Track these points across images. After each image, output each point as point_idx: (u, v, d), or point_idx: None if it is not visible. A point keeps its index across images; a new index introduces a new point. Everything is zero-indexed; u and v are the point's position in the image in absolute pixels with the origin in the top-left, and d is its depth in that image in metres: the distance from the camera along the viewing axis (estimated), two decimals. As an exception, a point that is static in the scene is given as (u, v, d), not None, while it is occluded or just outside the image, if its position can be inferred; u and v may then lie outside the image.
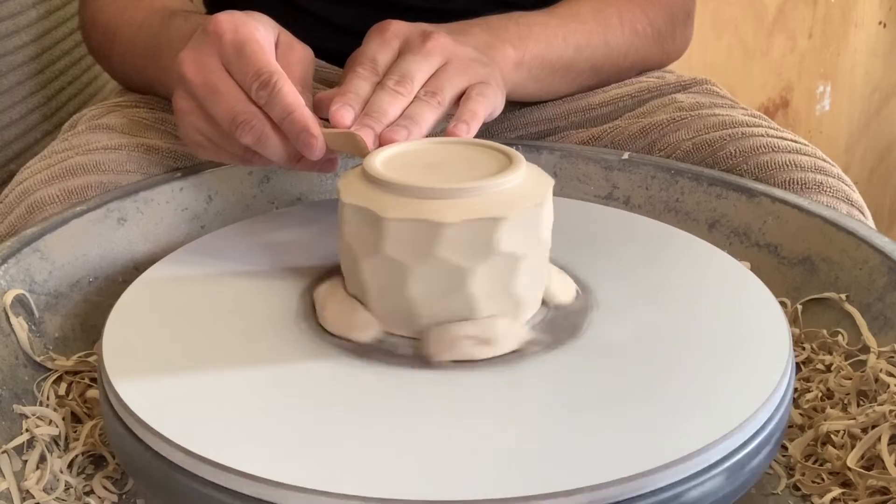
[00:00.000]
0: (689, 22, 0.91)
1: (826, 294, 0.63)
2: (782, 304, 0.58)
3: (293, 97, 0.58)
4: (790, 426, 0.55)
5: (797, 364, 0.59)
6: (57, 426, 0.55)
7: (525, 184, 0.52)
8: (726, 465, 0.44)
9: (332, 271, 0.57)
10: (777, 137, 0.75)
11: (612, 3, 0.83)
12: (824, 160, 0.74)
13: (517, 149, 0.55)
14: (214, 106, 0.60)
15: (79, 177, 0.70)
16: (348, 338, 0.52)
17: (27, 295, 0.61)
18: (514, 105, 0.83)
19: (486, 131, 0.83)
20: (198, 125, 0.62)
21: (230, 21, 0.60)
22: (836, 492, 0.50)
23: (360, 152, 0.57)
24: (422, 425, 0.46)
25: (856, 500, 0.50)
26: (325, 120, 0.60)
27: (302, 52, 0.64)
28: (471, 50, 0.66)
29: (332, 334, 0.52)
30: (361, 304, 0.52)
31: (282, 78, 0.58)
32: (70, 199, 0.69)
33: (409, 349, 0.51)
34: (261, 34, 0.61)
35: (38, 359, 0.59)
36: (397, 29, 0.65)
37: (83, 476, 0.54)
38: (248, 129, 0.58)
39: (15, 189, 0.71)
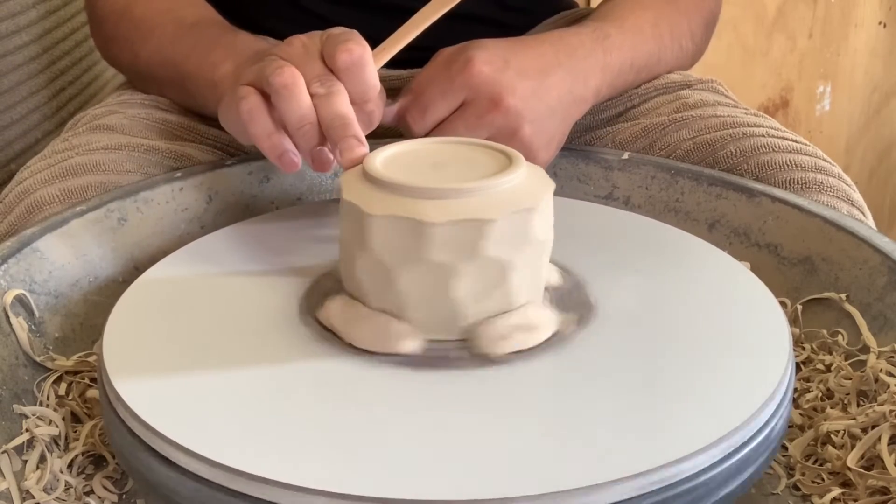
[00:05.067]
0: (714, 29, 0.91)
1: (826, 294, 0.63)
2: (782, 304, 0.58)
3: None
4: (790, 426, 0.55)
5: (797, 364, 0.59)
6: (57, 426, 0.55)
7: (523, 185, 0.52)
8: (726, 465, 0.44)
9: (331, 271, 0.58)
10: (778, 137, 0.74)
11: (665, 14, 0.82)
12: (825, 160, 0.74)
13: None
14: (287, 111, 0.59)
15: (79, 177, 0.70)
16: (391, 352, 0.51)
17: (27, 295, 0.61)
18: None
19: None
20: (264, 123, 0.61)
21: None
22: (836, 492, 0.50)
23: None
24: (421, 424, 0.46)
25: (856, 500, 0.50)
26: None
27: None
28: (532, 124, 0.66)
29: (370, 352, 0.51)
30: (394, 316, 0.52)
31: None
32: (70, 199, 0.69)
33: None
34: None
35: (38, 359, 0.59)
36: (472, 79, 0.65)
37: (83, 476, 0.54)
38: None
39: (15, 189, 0.71)
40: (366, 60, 0.60)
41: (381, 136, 0.65)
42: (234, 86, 0.62)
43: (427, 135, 0.66)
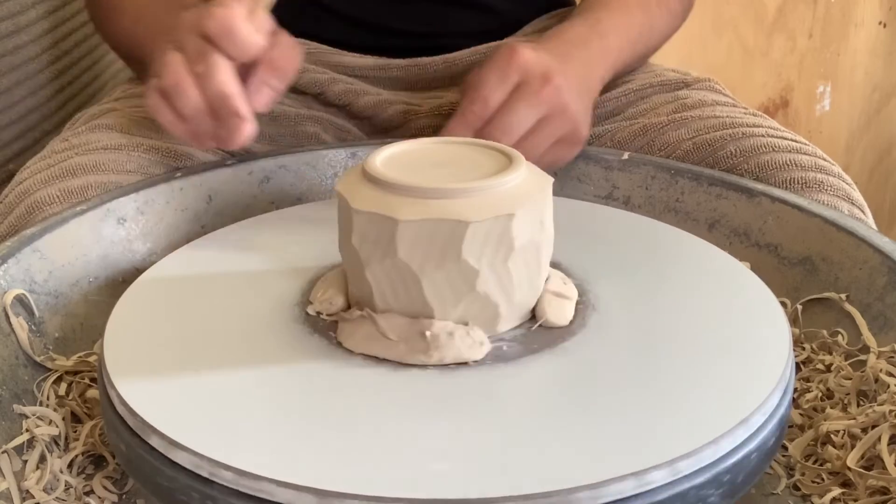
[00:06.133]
0: None
1: (826, 294, 0.63)
2: (782, 304, 0.58)
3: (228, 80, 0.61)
4: (790, 426, 0.55)
5: (797, 364, 0.59)
6: (57, 426, 0.55)
7: (525, 183, 0.52)
8: (726, 464, 0.44)
9: (331, 271, 0.58)
10: (778, 137, 0.75)
11: None
12: (825, 159, 0.74)
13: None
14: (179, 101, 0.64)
15: (78, 177, 0.70)
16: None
17: (27, 295, 0.61)
18: None
19: None
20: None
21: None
22: (836, 492, 0.50)
23: None
24: (421, 425, 0.46)
25: (856, 500, 0.50)
26: None
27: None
28: (577, 101, 0.71)
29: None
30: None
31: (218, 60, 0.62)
32: (70, 199, 0.69)
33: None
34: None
35: (38, 359, 0.59)
36: (522, 62, 0.69)
37: (83, 476, 0.54)
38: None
39: (15, 189, 0.71)
40: (232, 22, 0.61)
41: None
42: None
43: (489, 121, 0.69)
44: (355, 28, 0.66)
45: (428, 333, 0.50)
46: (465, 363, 0.50)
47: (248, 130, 0.60)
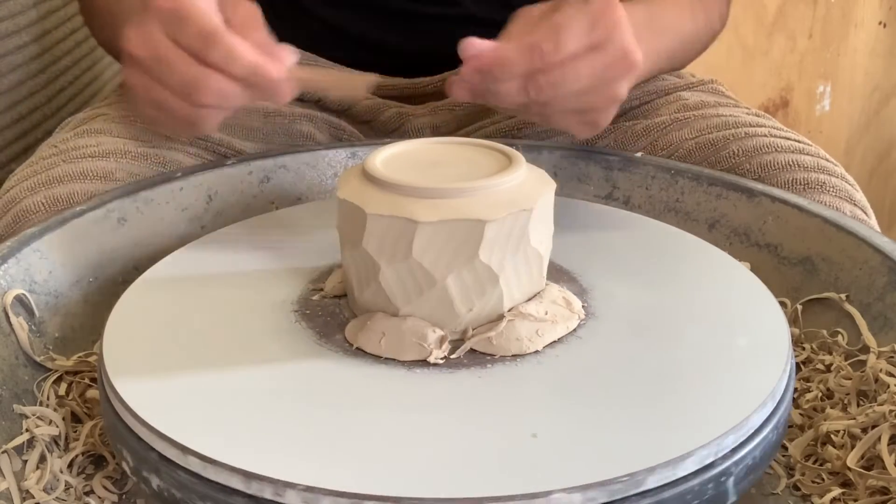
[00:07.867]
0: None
1: (826, 294, 0.63)
2: (782, 304, 0.58)
3: (248, 52, 0.58)
4: (790, 426, 0.55)
5: (797, 364, 0.59)
6: (57, 426, 0.55)
7: (529, 181, 0.52)
8: (725, 464, 0.44)
9: (331, 271, 0.58)
10: (780, 138, 0.75)
11: None
12: (827, 160, 0.74)
13: (517, 148, 0.55)
14: (167, 77, 0.60)
15: (65, 184, 0.69)
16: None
17: (27, 295, 0.61)
18: None
19: (496, 121, 0.83)
20: (152, 99, 0.62)
21: None
22: (836, 492, 0.50)
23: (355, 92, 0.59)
24: (423, 423, 0.46)
25: (856, 500, 0.50)
26: None
27: (248, 8, 0.63)
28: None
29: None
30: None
31: (227, 35, 0.58)
32: (56, 207, 0.68)
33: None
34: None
35: (38, 359, 0.59)
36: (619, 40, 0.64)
37: (83, 476, 0.54)
38: (206, 91, 0.59)
39: (2, 197, 0.71)
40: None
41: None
42: None
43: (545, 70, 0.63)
44: (355, 46, 0.65)
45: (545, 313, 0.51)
46: (466, 363, 0.50)
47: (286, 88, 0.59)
